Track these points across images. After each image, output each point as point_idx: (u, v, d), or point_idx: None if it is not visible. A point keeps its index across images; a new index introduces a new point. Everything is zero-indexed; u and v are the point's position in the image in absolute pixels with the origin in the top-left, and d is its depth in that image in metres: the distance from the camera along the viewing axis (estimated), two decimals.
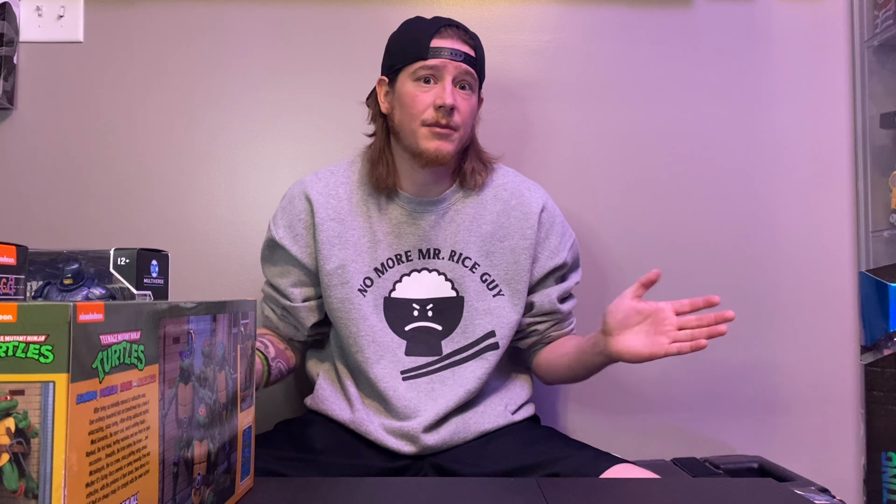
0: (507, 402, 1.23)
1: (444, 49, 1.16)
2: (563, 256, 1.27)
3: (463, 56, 1.17)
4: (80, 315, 0.48)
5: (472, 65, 1.18)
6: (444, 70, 1.16)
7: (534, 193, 1.27)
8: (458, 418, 1.19)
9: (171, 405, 0.62)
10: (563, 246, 1.27)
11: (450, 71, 1.16)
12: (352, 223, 1.22)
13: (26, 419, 0.47)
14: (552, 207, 1.28)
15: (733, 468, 1.37)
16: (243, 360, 0.83)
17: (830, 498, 1.19)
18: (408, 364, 1.20)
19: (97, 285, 0.77)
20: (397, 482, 0.93)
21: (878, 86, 1.54)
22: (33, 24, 1.53)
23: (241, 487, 0.83)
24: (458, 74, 1.17)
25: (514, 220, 1.24)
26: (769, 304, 1.55)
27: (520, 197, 1.26)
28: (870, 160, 1.54)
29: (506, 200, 1.25)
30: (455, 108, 1.15)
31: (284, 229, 1.24)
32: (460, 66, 1.17)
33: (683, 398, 1.53)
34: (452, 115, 1.16)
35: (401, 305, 1.22)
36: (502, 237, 1.23)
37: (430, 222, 1.23)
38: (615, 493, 0.87)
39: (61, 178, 1.52)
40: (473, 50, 1.19)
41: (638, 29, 1.57)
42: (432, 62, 1.16)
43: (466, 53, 1.18)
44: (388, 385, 1.18)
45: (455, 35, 1.18)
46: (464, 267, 1.22)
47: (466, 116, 1.19)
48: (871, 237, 1.52)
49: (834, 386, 1.54)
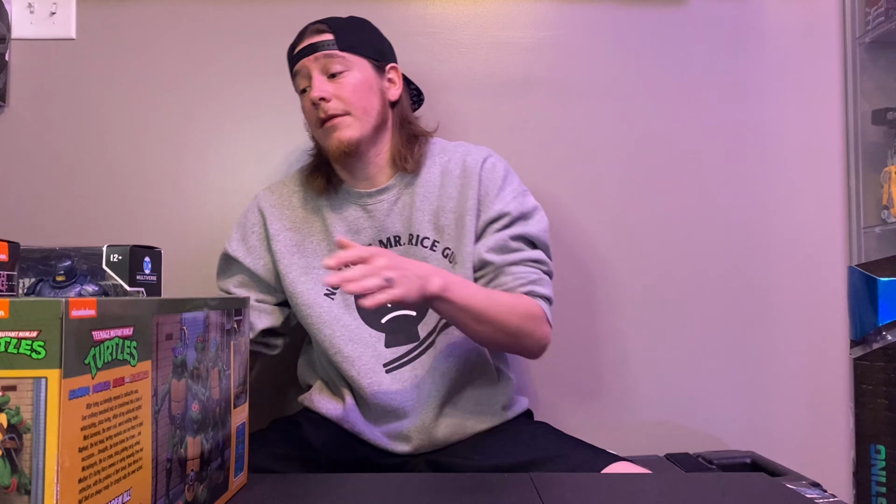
0: (501, 401, 1.23)
1: (299, 52, 1.19)
2: (502, 206, 1.18)
3: (314, 46, 1.17)
4: (72, 311, 0.48)
5: (331, 46, 1.17)
6: (305, 70, 1.18)
7: (476, 154, 1.23)
8: (452, 420, 1.18)
9: (164, 401, 0.62)
10: (504, 196, 1.19)
11: (311, 67, 1.18)
12: (308, 230, 1.23)
13: (18, 415, 0.47)
14: (495, 161, 1.23)
15: (726, 463, 1.38)
16: (237, 357, 0.83)
17: (822, 492, 1.20)
18: (389, 356, 1.19)
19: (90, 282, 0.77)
20: (391, 478, 0.93)
21: (870, 82, 1.54)
22: (25, 20, 1.53)
23: (234, 484, 0.83)
24: (320, 65, 1.17)
25: (458, 185, 1.21)
26: (761, 300, 1.56)
27: (461, 162, 1.22)
28: (861, 156, 1.54)
29: (450, 171, 1.22)
30: (324, 98, 1.16)
31: (238, 242, 1.26)
32: (317, 56, 1.17)
33: (676, 394, 1.54)
34: (329, 104, 1.16)
35: None
36: (451, 208, 1.20)
37: (383, 211, 1.21)
38: (608, 488, 0.87)
39: (53, 175, 1.52)
40: (331, 33, 1.18)
41: (632, 26, 1.57)
42: (296, 68, 1.20)
43: (319, 41, 1.18)
44: (373, 380, 1.17)
45: (307, 32, 1.20)
46: (423, 248, 1.20)
47: (349, 96, 1.17)
48: (862, 233, 1.53)
49: (826, 381, 1.55)
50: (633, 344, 1.54)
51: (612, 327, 1.54)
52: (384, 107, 1.22)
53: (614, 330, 1.54)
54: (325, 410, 1.22)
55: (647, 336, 1.54)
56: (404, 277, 0.95)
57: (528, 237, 1.18)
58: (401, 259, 1.00)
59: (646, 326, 1.54)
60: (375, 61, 1.21)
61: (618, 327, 1.54)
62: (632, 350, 1.54)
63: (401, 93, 1.25)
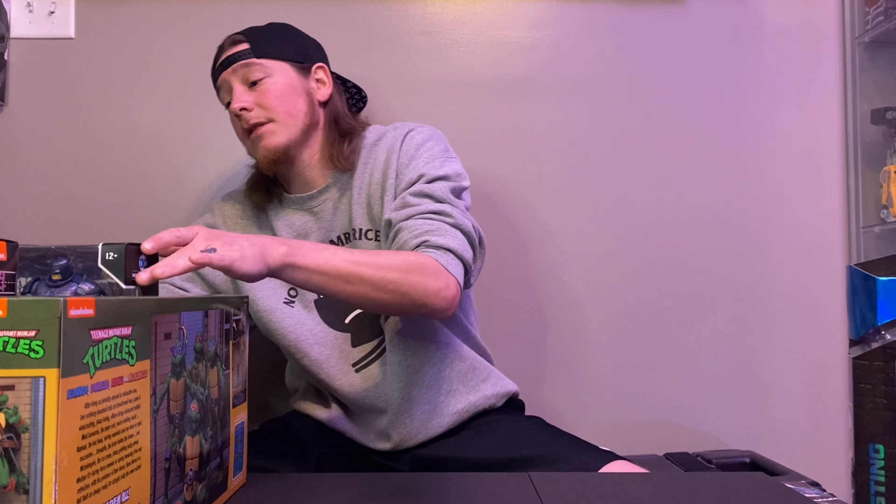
0: (471, 377, 1.19)
1: (218, 66, 1.17)
2: (413, 172, 1.12)
3: (231, 58, 1.15)
4: (70, 310, 0.48)
5: (248, 55, 1.15)
6: (227, 84, 1.16)
7: (400, 129, 1.18)
8: (425, 404, 1.16)
9: (162, 401, 0.62)
10: (417, 162, 1.13)
11: (230, 79, 1.16)
12: None
13: (17, 414, 0.47)
14: (416, 133, 1.17)
15: (725, 463, 1.38)
16: (236, 356, 0.83)
17: (821, 491, 1.20)
18: (357, 355, 1.17)
19: (86, 281, 0.77)
20: (390, 477, 0.93)
21: (869, 82, 1.54)
22: (24, 20, 1.52)
23: (233, 483, 0.83)
24: (239, 76, 1.15)
25: (382, 167, 1.16)
26: (761, 300, 1.56)
27: (385, 140, 1.18)
28: (861, 156, 1.54)
29: (378, 155, 1.17)
30: (245, 108, 1.14)
31: None
32: (235, 67, 1.15)
33: (675, 393, 1.54)
34: (251, 114, 1.14)
35: (333, 303, 1.18)
36: (380, 193, 1.15)
37: (329, 211, 1.19)
38: (608, 487, 0.87)
39: (52, 175, 1.52)
40: (247, 42, 1.16)
41: (631, 26, 1.57)
42: (218, 83, 1.18)
43: (235, 52, 1.15)
44: (344, 381, 1.16)
45: (225, 46, 1.18)
46: (367, 240, 1.17)
47: (271, 102, 1.14)
48: (861, 233, 1.53)
49: (825, 381, 1.55)
50: (631, 343, 1.54)
51: (610, 326, 1.54)
52: (312, 108, 1.18)
53: (613, 329, 1.54)
54: (312, 413, 1.22)
55: (646, 335, 1.54)
56: (230, 245, 0.84)
57: (430, 193, 1.09)
58: (231, 234, 0.90)
59: (644, 325, 1.54)
60: (298, 63, 1.18)
61: (616, 326, 1.54)
62: (631, 349, 1.54)
63: (331, 92, 1.21)
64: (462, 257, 1.05)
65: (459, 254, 1.04)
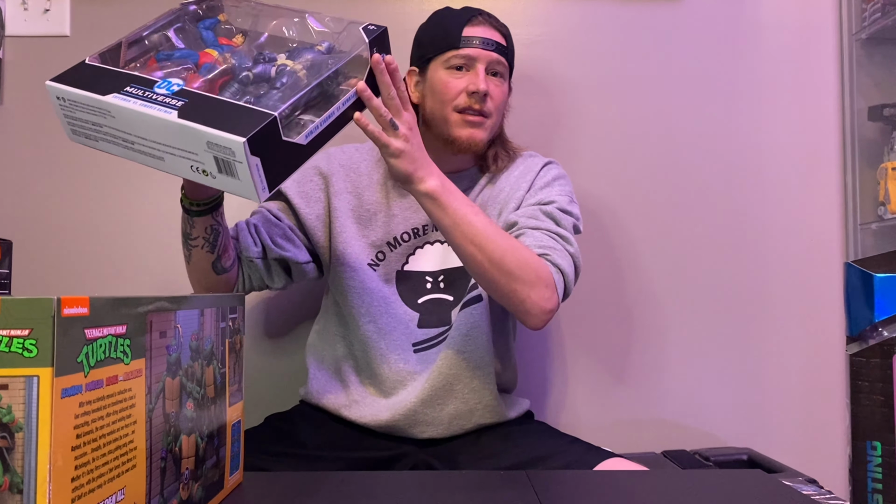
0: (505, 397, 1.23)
1: (475, 38, 1.18)
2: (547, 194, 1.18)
3: (494, 45, 1.18)
4: (64, 309, 0.48)
5: (503, 53, 1.20)
6: (476, 59, 1.17)
7: (540, 159, 1.26)
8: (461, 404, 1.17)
9: (157, 400, 0.62)
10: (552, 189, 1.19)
11: (482, 60, 1.17)
12: (369, 198, 1.22)
13: (10, 413, 0.47)
14: (554, 166, 1.25)
15: (723, 460, 1.38)
16: (231, 355, 0.83)
17: (818, 488, 1.20)
18: (420, 336, 1.20)
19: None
20: (388, 476, 0.93)
21: (867, 79, 1.55)
22: (19, 17, 1.52)
23: (230, 482, 0.82)
24: (490, 63, 1.18)
25: (514, 182, 1.22)
26: (758, 297, 1.56)
27: (521, 161, 1.26)
28: (858, 153, 1.54)
29: (513, 175, 1.23)
30: (488, 95, 1.16)
31: (292, 181, 1.19)
32: (492, 55, 1.18)
33: (673, 391, 1.54)
34: (486, 101, 1.16)
35: (413, 278, 1.21)
36: (502, 198, 1.21)
37: None
38: (605, 485, 0.87)
39: (47, 173, 1.51)
40: (504, 39, 1.21)
41: (628, 22, 1.57)
42: (465, 51, 1.17)
43: (498, 42, 1.19)
44: (400, 357, 1.18)
45: (486, 24, 1.19)
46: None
47: (499, 103, 1.20)
48: (859, 229, 1.53)
49: (823, 378, 1.55)
50: (629, 341, 1.54)
51: (608, 325, 1.54)
52: (503, 120, 1.26)
53: (611, 327, 1.54)
54: (324, 399, 1.21)
55: (644, 333, 1.54)
56: (410, 146, 0.95)
57: (559, 220, 1.15)
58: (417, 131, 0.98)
59: (642, 324, 1.54)
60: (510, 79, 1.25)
61: (614, 324, 1.54)
62: (629, 347, 1.54)
63: None
64: (568, 286, 1.10)
65: (568, 281, 1.10)
